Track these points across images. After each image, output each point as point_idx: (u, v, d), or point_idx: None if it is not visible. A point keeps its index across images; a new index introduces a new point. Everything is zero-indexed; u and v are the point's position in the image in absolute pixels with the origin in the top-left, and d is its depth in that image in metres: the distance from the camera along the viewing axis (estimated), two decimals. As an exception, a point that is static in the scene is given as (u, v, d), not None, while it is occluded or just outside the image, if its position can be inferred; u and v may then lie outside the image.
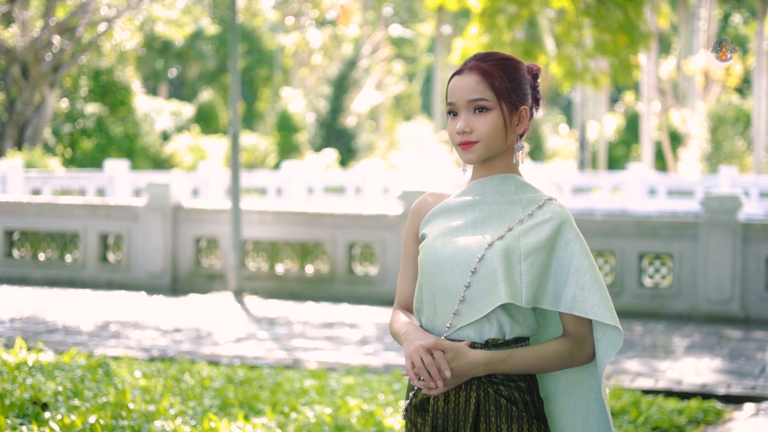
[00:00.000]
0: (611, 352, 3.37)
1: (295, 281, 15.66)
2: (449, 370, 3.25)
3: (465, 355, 3.28)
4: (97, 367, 9.38)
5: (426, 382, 3.28)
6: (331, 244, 15.49)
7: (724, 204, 13.90)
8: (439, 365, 3.25)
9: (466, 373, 3.29)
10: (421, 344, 3.27)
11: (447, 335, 3.36)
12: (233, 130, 15.77)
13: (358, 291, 15.31)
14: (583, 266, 3.35)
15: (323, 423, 7.64)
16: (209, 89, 60.43)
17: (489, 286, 3.30)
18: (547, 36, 26.87)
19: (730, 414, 9.01)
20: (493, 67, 3.40)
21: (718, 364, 10.96)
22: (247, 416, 7.84)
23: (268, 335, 12.41)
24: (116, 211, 16.68)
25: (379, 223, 15.33)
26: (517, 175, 3.50)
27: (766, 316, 13.74)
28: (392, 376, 9.83)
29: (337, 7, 56.30)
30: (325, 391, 8.94)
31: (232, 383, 9.18)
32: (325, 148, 43.64)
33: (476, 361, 3.28)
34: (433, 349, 3.26)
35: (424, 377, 3.27)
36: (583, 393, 3.49)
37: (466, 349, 3.29)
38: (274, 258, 15.87)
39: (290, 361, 10.83)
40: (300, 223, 15.75)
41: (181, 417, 7.57)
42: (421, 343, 3.27)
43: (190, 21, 48.38)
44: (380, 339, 12.28)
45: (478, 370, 3.29)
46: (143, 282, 16.17)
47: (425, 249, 3.42)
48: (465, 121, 3.38)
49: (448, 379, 3.26)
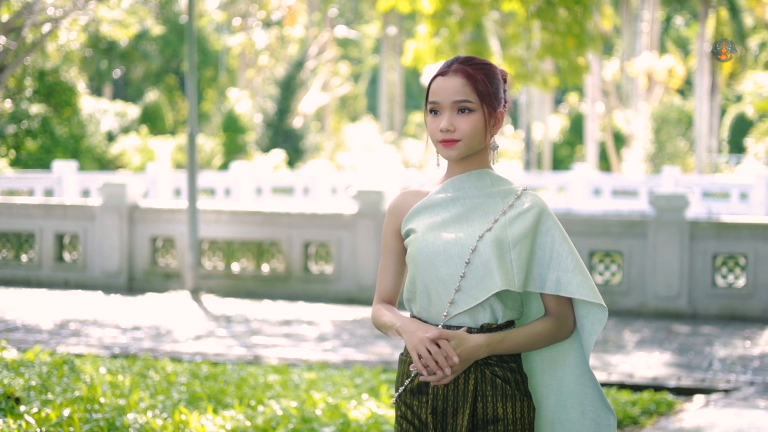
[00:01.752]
0: (598, 327, 3.65)
1: (251, 280, 15.83)
2: (457, 356, 3.49)
3: (467, 340, 3.52)
4: (62, 363, 9.51)
5: (434, 371, 3.50)
6: (286, 243, 15.67)
7: (672, 203, 14.25)
8: (447, 353, 3.49)
9: (470, 356, 3.53)
10: (426, 336, 3.50)
11: (444, 323, 3.58)
12: (191, 130, 15.91)
13: (314, 289, 15.51)
14: (564, 250, 3.62)
15: (290, 416, 7.82)
16: (155, 90, 60.21)
17: (483, 275, 3.54)
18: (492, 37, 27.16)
19: (681, 405, 9.30)
20: (477, 71, 3.65)
21: (668, 358, 11.27)
22: (216, 409, 8.01)
23: (227, 333, 12.58)
24: (72, 211, 16.76)
25: (334, 223, 15.54)
26: (489, 169, 3.75)
27: (712, 312, 14.10)
28: (353, 371, 10.03)
29: (283, 8, 56.36)
30: (288, 386, 9.13)
31: (198, 378, 9.34)
32: (273, 148, 43.71)
33: (478, 344, 3.53)
34: (437, 339, 3.50)
35: (431, 367, 3.49)
36: (557, 368, 3.73)
37: (466, 334, 3.53)
38: (230, 257, 16.03)
39: (251, 358, 11.01)
40: (256, 222, 15.92)
41: (151, 410, 7.74)
42: (426, 335, 3.50)
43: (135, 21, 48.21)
44: (338, 336, 12.48)
45: (480, 352, 3.54)
46: (99, 281, 16.27)
47: (416, 243, 3.65)
48: (449, 120, 3.62)
49: (456, 365, 3.50)
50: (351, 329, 12.98)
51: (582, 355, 3.73)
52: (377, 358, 11.04)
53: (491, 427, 3.58)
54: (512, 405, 3.59)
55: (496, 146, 3.76)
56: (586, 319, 3.67)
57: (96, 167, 41.07)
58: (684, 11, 66.04)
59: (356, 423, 7.73)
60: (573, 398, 3.72)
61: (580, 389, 3.71)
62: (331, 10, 61.29)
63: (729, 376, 10.37)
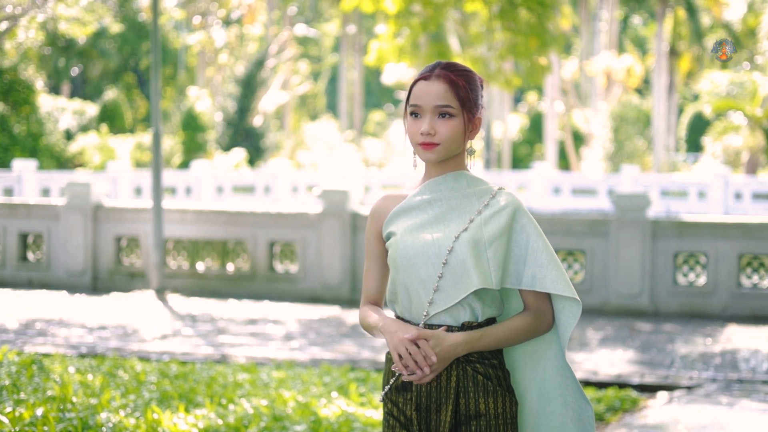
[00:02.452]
0: (573, 321, 3.77)
1: (217, 279, 15.87)
2: (435, 355, 3.60)
3: (445, 339, 3.63)
4: (31, 363, 9.53)
5: (414, 370, 3.62)
6: (252, 243, 15.72)
7: (634, 202, 14.42)
8: (425, 353, 3.60)
9: (449, 355, 3.64)
10: (405, 336, 3.62)
11: (424, 322, 3.70)
12: (155, 129, 15.92)
13: (279, 288, 15.56)
14: (539, 246, 3.74)
15: (261, 414, 7.89)
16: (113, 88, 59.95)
17: (461, 274, 3.66)
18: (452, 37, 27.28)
19: (645, 402, 9.45)
20: (459, 78, 3.76)
21: (631, 356, 11.42)
22: (187, 408, 8.07)
23: (194, 332, 12.62)
24: (36, 210, 16.73)
25: (299, 222, 15.59)
26: (465, 171, 3.87)
27: (673, 310, 14.29)
28: (321, 369, 10.11)
29: (243, 7, 56.28)
30: (258, 385, 9.19)
31: (167, 377, 9.39)
32: (233, 147, 43.66)
33: (456, 342, 3.64)
34: (416, 339, 3.61)
35: (411, 366, 3.61)
36: (539, 361, 3.85)
37: (445, 333, 3.65)
38: (195, 256, 16.05)
39: (218, 357, 11.05)
40: (221, 221, 15.95)
41: (123, 410, 7.78)
42: (405, 336, 3.62)
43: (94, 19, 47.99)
44: (304, 335, 12.55)
45: (459, 350, 3.65)
46: (64, 281, 16.25)
47: (395, 245, 3.76)
48: (430, 124, 3.73)
49: (434, 364, 3.61)
50: (317, 328, 13.05)
51: (560, 348, 3.84)
52: (344, 357, 11.12)
53: (474, 422, 3.69)
54: (494, 400, 3.70)
55: (473, 151, 3.88)
56: (561, 313, 3.79)
57: (54, 166, 40.86)
58: (642, 11, 66.52)
59: (327, 421, 7.80)
60: (555, 390, 3.83)
61: (562, 381, 3.83)
62: (290, 9, 61.26)
63: (691, 373, 10.53)
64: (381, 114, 69.60)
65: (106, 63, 64.91)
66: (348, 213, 15.19)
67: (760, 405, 9.30)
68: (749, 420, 8.77)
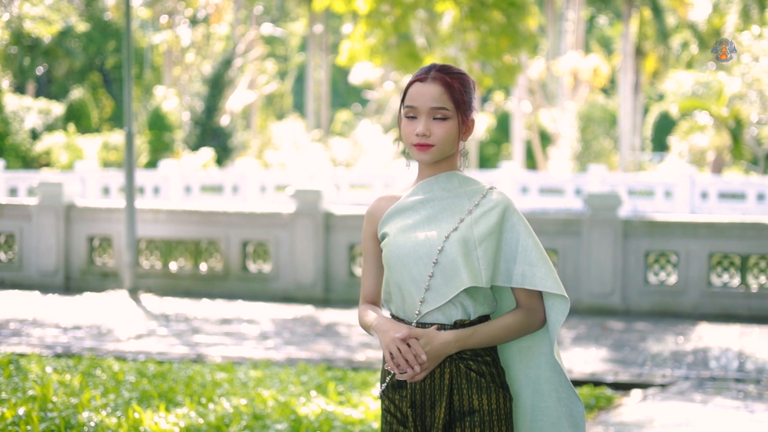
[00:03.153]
0: (561, 318, 3.84)
1: (190, 279, 15.86)
2: (425, 354, 3.68)
3: (436, 338, 3.72)
4: (8, 363, 9.55)
5: (405, 369, 3.70)
6: (224, 242, 15.73)
7: (606, 202, 14.54)
8: (416, 351, 3.69)
9: (440, 353, 3.72)
10: (396, 336, 3.70)
11: (417, 321, 3.77)
12: (128, 129, 15.92)
13: (252, 288, 15.58)
14: (529, 245, 3.82)
15: (242, 413, 7.93)
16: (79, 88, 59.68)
17: (451, 273, 3.74)
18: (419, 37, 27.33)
19: (620, 400, 9.55)
20: (454, 80, 3.85)
21: (605, 354, 11.53)
22: (168, 407, 8.10)
23: (168, 331, 12.63)
24: (8, 210, 16.68)
25: (272, 222, 15.62)
26: (457, 171, 3.94)
27: (645, 308, 14.41)
28: (298, 368, 10.15)
29: (210, 6, 56.15)
30: (236, 384, 9.23)
31: (145, 377, 9.41)
32: (201, 147, 43.55)
33: (446, 341, 3.72)
34: (407, 338, 3.69)
35: (402, 365, 3.69)
36: (533, 357, 3.92)
37: (436, 332, 3.73)
38: (168, 256, 16.05)
39: (194, 356, 11.08)
40: (193, 221, 15.95)
41: (104, 409, 7.81)
42: (396, 335, 3.70)
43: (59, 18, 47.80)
44: (279, 334, 12.59)
45: (450, 348, 3.72)
46: (36, 281, 16.20)
47: (388, 246, 3.85)
48: (425, 126, 3.81)
49: (425, 362, 3.69)
50: (291, 327, 13.09)
51: (549, 345, 3.92)
52: (320, 356, 11.17)
53: (468, 418, 3.77)
54: (488, 397, 3.78)
55: (466, 152, 3.97)
56: (551, 310, 3.86)
57: (20, 165, 40.68)
58: (608, 11, 66.84)
59: (307, 419, 7.85)
60: (549, 386, 3.90)
61: (555, 377, 3.91)
62: (256, 8, 61.17)
63: (664, 371, 10.65)
64: (348, 113, 69.58)
65: (72, 62, 64.60)
66: (321, 212, 15.23)
67: (734, 402, 9.42)
68: (723, 417, 8.88)
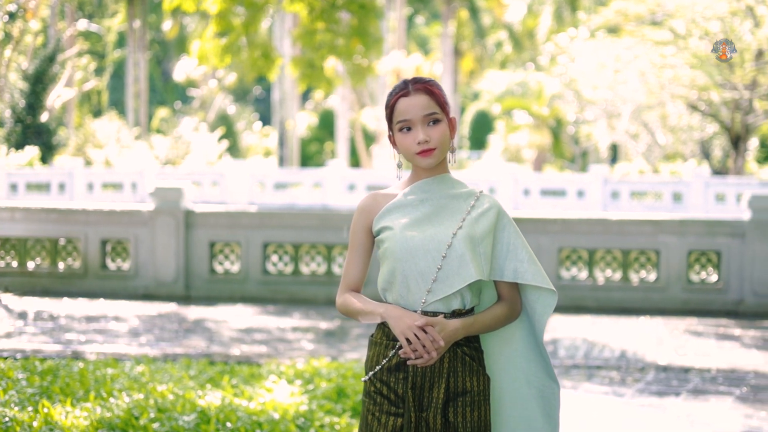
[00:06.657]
0: (549, 310, 4.30)
1: (48, 277, 15.79)
2: (442, 339, 4.06)
3: (447, 325, 4.10)
4: None
5: (422, 354, 4.06)
6: (83, 240, 15.72)
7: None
8: (433, 337, 4.05)
9: (451, 339, 4.12)
10: (415, 323, 4.05)
11: (421, 309, 4.14)
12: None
13: (112, 286, 15.62)
14: (519, 244, 4.26)
15: (145, 407, 8.09)
16: None
17: (459, 267, 4.13)
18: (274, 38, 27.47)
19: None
20: (433, 87, 4.28)
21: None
22: (73, 402, 8.20)
23: (37, 330, 12.63)
24: None
25: (132, 220, 15.68)
26: (448, 174, 4.36)
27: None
28: (182, 363, 10.32)
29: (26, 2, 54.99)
30: (129, 379, 9.36)
31: (35, 374, 9.44)
32: (24, 145, 42.71)
33: (456, 328, 4.12)
34: (424, 326, 4.05)
35: (419, 351, 4.05)
36: (507, 345, 4.35)
37: (446, 320, 4.12)
38: (25, 255, 15.93)
39: (70, 353, 11.13)
40: (51, 219, 15.88)
41: (6, 406, 7.86)
42: (415, 323, 4.05)
43: None
44: (149, 331, 12.72)
45: (458, 334, 4.13)
46: None
47: (395, 238, 4.20)
48: (424, 133, 4.22)
49: (441, 348, 4.06)
50: (160, 324, 13.23)
51: (526, 333, 4.36)
52: (195, 351, 11.36)
53: (460, 398, 4.18)
54: (477, 379, 4.20)
55: (454, 149, 4.39)
56: (537, 303, 4.32)
57: None
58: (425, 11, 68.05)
59: (211, 411, 8.06)
60: (519, 371, 4.34)
61: (525, 363, 4.34)
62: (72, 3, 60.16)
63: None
64: (167, 111, 69.01)
65: None
66: (182, 210, 15.38)
67: (602, 387, 10.03)
68: (595, 402, 9.47)
